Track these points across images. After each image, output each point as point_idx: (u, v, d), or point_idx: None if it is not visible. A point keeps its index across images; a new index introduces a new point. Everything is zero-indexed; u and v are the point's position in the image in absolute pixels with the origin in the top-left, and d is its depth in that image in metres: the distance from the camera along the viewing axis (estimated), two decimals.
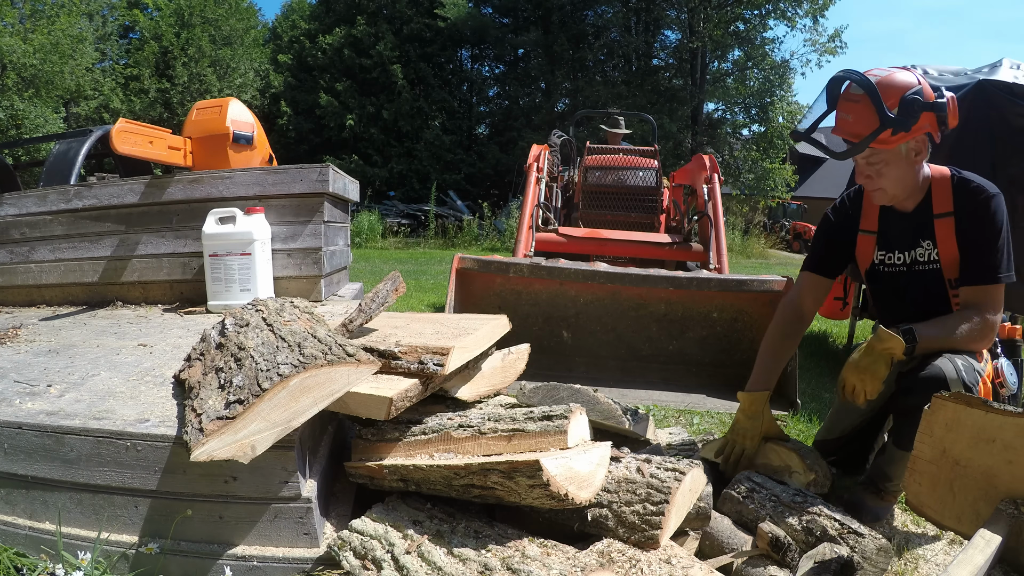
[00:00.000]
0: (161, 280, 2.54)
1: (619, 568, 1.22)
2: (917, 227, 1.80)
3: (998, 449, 1.39)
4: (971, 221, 1.71)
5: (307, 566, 1.30)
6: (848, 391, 1.71)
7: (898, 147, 1.67)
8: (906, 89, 1.62)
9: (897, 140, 1.65)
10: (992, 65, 3.82)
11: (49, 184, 3.26)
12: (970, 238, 1.72)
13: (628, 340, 3.18)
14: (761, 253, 14.66)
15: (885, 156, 1.69)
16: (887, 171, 1.71)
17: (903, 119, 1.61)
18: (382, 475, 1.38)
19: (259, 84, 21.40)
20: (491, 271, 3.01)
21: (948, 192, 1.75)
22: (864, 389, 1.68)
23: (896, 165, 1.70)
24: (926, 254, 1.80)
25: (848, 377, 1.70)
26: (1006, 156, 3.33)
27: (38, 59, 13.98)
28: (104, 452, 1.31)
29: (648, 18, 19.67)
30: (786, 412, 2.75)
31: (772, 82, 18.04)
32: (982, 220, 1.70)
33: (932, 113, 1.63)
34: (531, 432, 1.30)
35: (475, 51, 22.28)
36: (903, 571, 1.56)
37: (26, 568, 1.29)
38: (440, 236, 13.94)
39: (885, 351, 1.66)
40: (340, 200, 2.85)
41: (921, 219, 1.79)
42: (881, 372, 1.66)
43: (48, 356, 1.79)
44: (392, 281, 1.71)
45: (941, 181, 1.76)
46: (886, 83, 1.64)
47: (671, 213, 4.95)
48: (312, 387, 1.22)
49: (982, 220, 1.70)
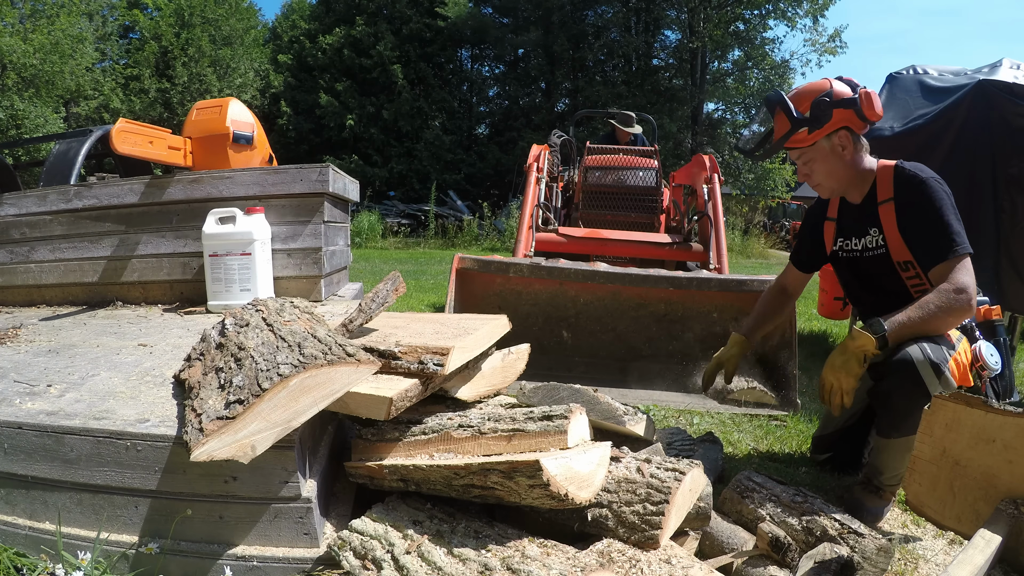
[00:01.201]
0: (161, 280, 2.54)
1: (619, 568, 1.22)
2: (865, 216, 1.93)
3: (998, 449, 1.39)
4: (912, 207, 1.81)
5: (307, 566, 1.30)
6: (826, 390, 1.74)
7: (819, 144, 1.87)
8: (817, 93, 1.83)
9: (814, 137, 1.85)
10: (992, 65, 3.82)
11: (49, 184, 3.26)
12: (916, 224, 1.81)
13: (628, 340, 3.18)
14: (761, 253, 14.66)
15: (810, 154, 1.89)
16: (816, 167, 1.91)
17: (814, 119, 1.81)
18: (382, 475, 1.38)
19: (259, 84, 21.40)
20: (491, 271, 3.01)
21: (890, 180, 1.87)
22: (840, 388, 1.70)
23: (823, 161, 1.89)
24: (873, 240, 1.92)
25: (826, 377, 1.74)
26: (1006, 156, 3.33)
27: (38, 59, 13.99)
28: (104, 452, 1.31)
29: (648, 18, 19.68)
30: (786, 412, 2.75)
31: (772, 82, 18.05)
32: (922, 204, 1.79)
33: (845, 109, 1.81)
34: (531, 432, 1.30)
35: (475, 51, 22.29)
36: (903, 571, 1.56)
37: (26, 568, 1.29)
38: (440, 236, 13.94)
39: (858, 348, 1.69)
40: (340, 200, 2.85)
41: (868, 208, 1.93)
42: (855, 370, 1.69)
43: (48, 356, 1.79)
44: (392, 281, 1.71)
45: (885, 172, 1.89)
46: (799, 92, 1.87)
47: (671, 213, 4.95)
48: (312, 387, 1.22)
49: (922, 204, 1.79)
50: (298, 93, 20.62)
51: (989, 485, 1.42)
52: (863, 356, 1.69)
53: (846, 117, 1.82)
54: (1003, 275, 3.37)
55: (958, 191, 1.89)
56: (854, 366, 1.69)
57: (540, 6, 19.61)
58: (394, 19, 20.25)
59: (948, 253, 1.73)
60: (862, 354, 1.69)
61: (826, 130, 1.83)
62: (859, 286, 2.04)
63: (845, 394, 1.70)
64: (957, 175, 3.34)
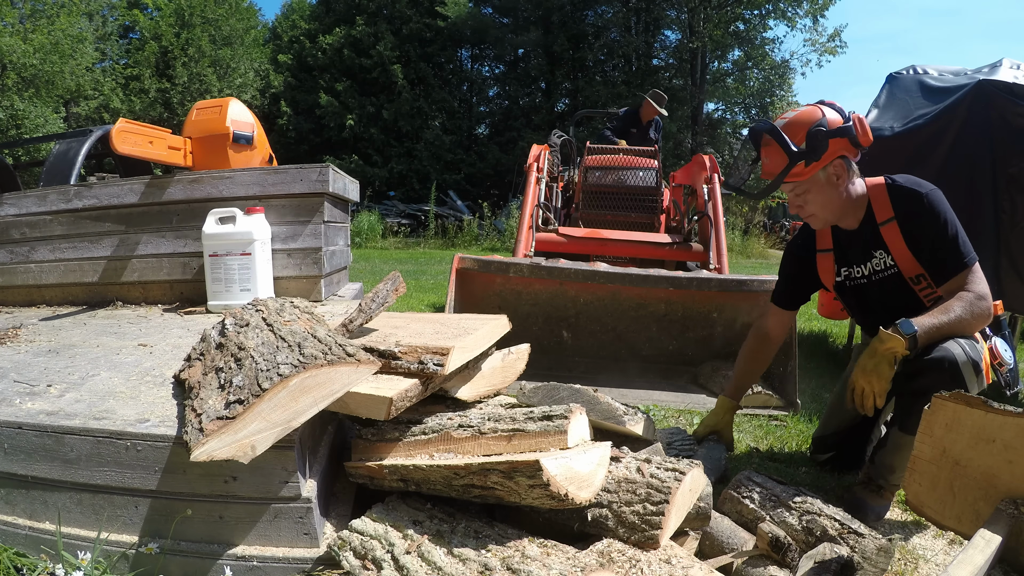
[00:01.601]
0: (161, 280, 2.54)
1: (619, 568, 1.22)
2: (866, 240, 1.89)
3: (998, 449, 1.39)
4: (916, 224, 1.79)
5: (307, 566, 1.30)
6: (857, 394, 1.73)
7: (815, 175, 1.80)
8: (811, 124, 1.76)
9: (811, 170, 1.78)
10: (992, 65, 3.82)
11: (49, 184, 3.26)
12: (922, 240, 1.78)
13: (628, 340, 3.18)
14: (761, 253, 14.65)
15: (806, 186, 1.83)
16: (811, 198, 1.85)
17: (811, 151, 1.75)
18: (382, 475, 1.38)
19: (259, 84, 21.40)
20: (491, 271, 3.01)
21: (886, 199, 1.84)
22: (873, 391, 1.70)
23: (819, 192, 1.83)
24: (881, 262, 1.89)
25: (857, 380, 1.73)
26: (1006, 156, 3.33)
27: (38, 59, 13.99)
28: (104, 452, 1.31)
29: (648, 18, 19.69)
30: (786, 412, 2.75)
31: (772, 82, 18.07)
32: (925, 220, 1.77)
33: (840, 138, 1.76)
34: (531, 432, 1.30)
35: (475, 51, 22.30)
36: (903, 571, 1.56)
37: (26, 568, 1.29)
38: (440, 236, 13.94)
39: (887, 351, 1.68)
40: (340, 200, 2.85)
41: (868, 232, 1.88)
42: (887, 373, 1.68)
43: (48, 356, 1.79)
44: (392, 281, 1.71)
45: (877, 191, 1.86)
46: (792, 123, 1.79)
47: (671, 213, 4.95)
48: (312, 387, 1.22)
49: (925, 220, 1.77)
50: (298, 93, 20.63)
51: (989, 485, 1.42)
52: (893, 358, 1.68)
53: (842, 146, 1.77)
54: (1003, 275, 3.36)
55: (958, 191, 1.89)
56: (885, 369, 1.68)
57: (540, 6, 19.62)
58: (394, 19, 20.25)
59: (959, 268, 1.74)
60: (892, 356, 1.67)
61: (823, 162, 1.78)
62: (870, 309, 1.99)
63: (878, 396, 1.69)
64: (957, 175, 3.35)
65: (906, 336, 1.66)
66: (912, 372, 1.71)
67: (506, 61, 22.20)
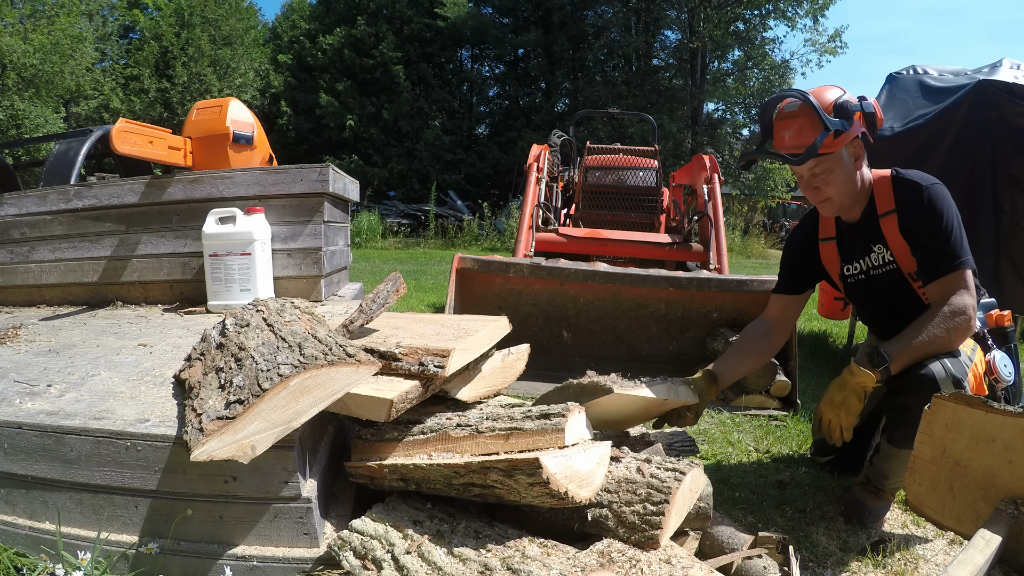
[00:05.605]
0: (161, 280, 2.54)
1: (619, 568, 1.22)
2: (866, 233, 1.85)
3: (998, 449, 1.39)
4: (914, 217, 1.74)
5: (307, 566, 1.30)
6: (824, 425, 1.71)
7: (840, 151, 1.73)
8: (836, 96, 1.71)
9: (840, 143, 1.71)
10: (992, 65, 3.82)
11: (49, 184, 3.26)
12: (918, 234, 1.73)
13: (628, 340, 3.18)
14: (761, 253, 14.65)
15: (829, 163, 1.74)
16: (832, 178, 1.76)
17: (842, 122, 1.68)
18: (382, 475, 1.38)
19: (259, 84, 21.38)
20: (491, 271, 3.01)
21: (889, 191, 1.79)
22: (840, 424, 1.68)
23: (840, 170, 1.75)
24: (879, 257, 1.84)
25: (825, 412, 1.71)
26: (1006, 156, 3.33)
27: (38, 59, 13.97)
28: (104, 452, 1.31)
29: (648, 18, 19.66)
30: (786, 412, 2.75)
31: (772, 82, 18.04)
32: (924, 214, 1.71)
33: (863, 114, 1.71)
34: (528, 430, 1.30)
35: (475, 51, 22.27)
36: (903, 571, 1.55)
37: (26, 568, 1.29)
38: (440, 236, 13.94)
39: (857, 385, 1.65)
40: (340, 200, 2.85)
41: (868, 224, 1.84)
42: (855, 407, 1.66)
43: (48, 356, 1.79)
44: (393, 282, 1.71)
45: (882, 182, 1.81)
46: (817, 94, 1.72)
47: (671, 213, 4.95)
48: (312, 388, 1.22)
49: (924, 214, 1.71)
50: (298, 93, 20.61)
51: (989, 485, 1.42)
52: (863, 393, 1.66)
53: (862, 124, 1.72)
54: (1003, 275, 3.37)
55: (958, 191, 1.86)
56: (854, 403, 1.66)
57: (540, 6, 19.60)
58: (394, 19, 20.24)
59: (947, 269, 1.69)
60: (862, 391, 1.65)
61: (849, 136, 1.70)
62: (873, 306, 1.96)
63: (845, 430, 1.68)
64: (957, 175, 3.35)
65: (877, 371, 1.64)
66: (896, 390, 1.70)
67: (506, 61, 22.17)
